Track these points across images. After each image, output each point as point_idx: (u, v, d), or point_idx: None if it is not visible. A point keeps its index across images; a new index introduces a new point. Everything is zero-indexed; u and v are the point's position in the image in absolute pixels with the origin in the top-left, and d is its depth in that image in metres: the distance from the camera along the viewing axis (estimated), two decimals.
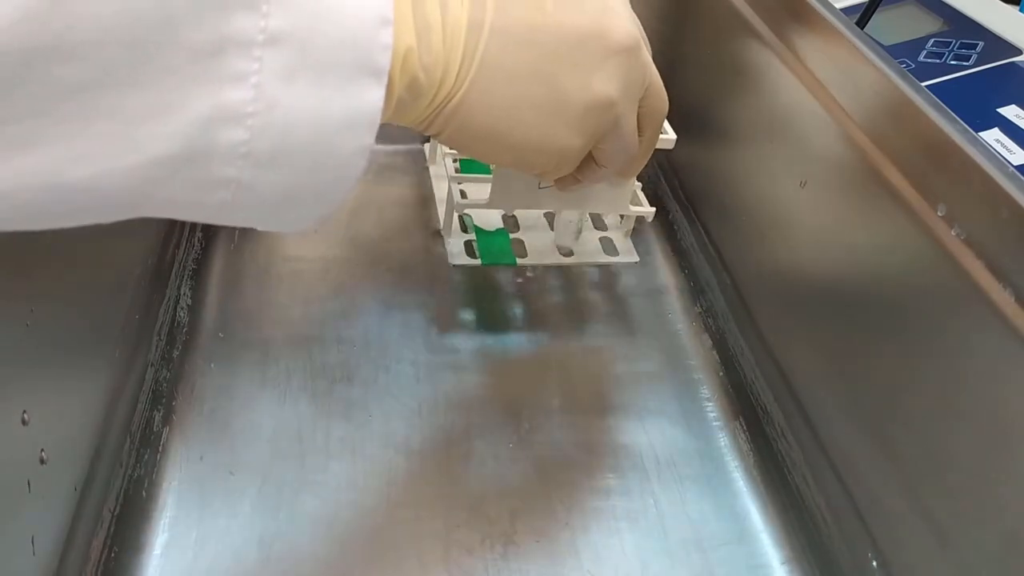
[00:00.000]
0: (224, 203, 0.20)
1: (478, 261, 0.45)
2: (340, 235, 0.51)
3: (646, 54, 0.30)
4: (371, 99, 0.21)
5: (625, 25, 0.28)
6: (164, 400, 0.40)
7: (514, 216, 0.52)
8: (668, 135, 0.43)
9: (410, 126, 0.27)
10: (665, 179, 0.57)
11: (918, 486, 0.30)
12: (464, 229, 0.48)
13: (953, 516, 0.29)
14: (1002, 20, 0.53)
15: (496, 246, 0.46)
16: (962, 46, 0.52)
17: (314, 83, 0.20)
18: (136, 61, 0.17)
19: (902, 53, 0.53)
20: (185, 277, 0.47)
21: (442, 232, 0.47)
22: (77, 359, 0.35)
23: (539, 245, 0.47)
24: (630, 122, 0.31)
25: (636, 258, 0.48)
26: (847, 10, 0.53)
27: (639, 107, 0.32)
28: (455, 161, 0.50)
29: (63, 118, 0.17)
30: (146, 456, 0.37)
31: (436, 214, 0.51)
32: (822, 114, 0.37)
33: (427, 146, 0.57)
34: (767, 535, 0.37)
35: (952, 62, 0.51)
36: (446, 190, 0.49)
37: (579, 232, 0.49)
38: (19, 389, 0.29)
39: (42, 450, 0.30)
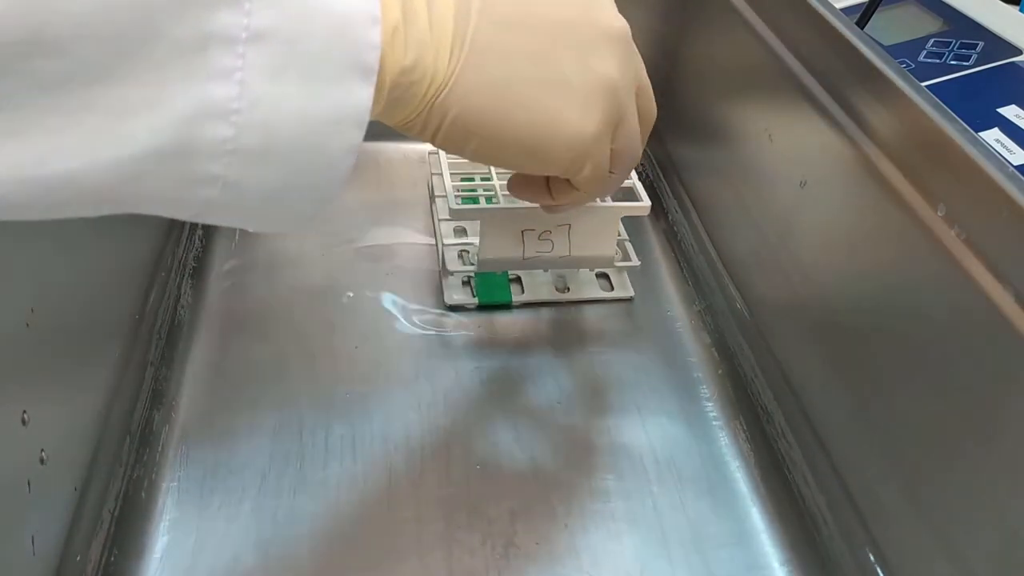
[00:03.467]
0: (211, 201, 0.20)
1: (475, 300, 0.46)
2: (342, 234, 0.51)
3: (636, 50, 0.30)
4: (360, 97, 0.21)
5: (614, 14, 0.29)
6: (164, 400, 0.40)
7: None
8: (644, 202, 0.44)
9: (405, 126, 0.26)
10: (665, 178, 0.57)
11: (918, 486, 0.31)
12: (463, 260, 0.48)
13: (953, 516, 0.29)
14: (1002, 20, 0.53)
15: (494, 283, 0.47)
16: (962, 46, 0.52)
17: (301, 81, 0.20)
18: (116, 56, 0.17)
19: (902, 53, 0.53)
20: (185, 276, 0.47)
21: (441, 274, 0.48)
22: (77, 359, 0.35)
23: (535, 282, 0.48)
24: (634, 116, 0.30)
25: (632, 292, 0.48)
26: (847, 10, 0.53)
27: None
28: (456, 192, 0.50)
29: (44, 111, 0.17)
30: (145, 457, 0.37)
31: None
32: (822, 114, 0.37)
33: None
34: (767, 536, 0.37)
35: (952, 62, 0.51)
36: (446, 232, 0.50)
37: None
38: (19, 389, 0.29)
39: (42, 450, 0.30)
